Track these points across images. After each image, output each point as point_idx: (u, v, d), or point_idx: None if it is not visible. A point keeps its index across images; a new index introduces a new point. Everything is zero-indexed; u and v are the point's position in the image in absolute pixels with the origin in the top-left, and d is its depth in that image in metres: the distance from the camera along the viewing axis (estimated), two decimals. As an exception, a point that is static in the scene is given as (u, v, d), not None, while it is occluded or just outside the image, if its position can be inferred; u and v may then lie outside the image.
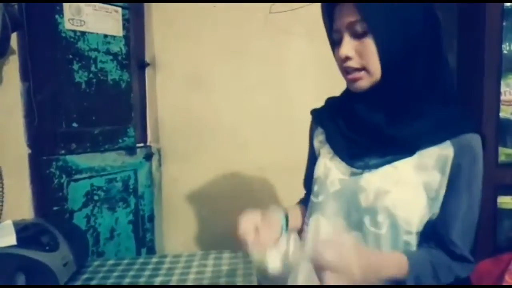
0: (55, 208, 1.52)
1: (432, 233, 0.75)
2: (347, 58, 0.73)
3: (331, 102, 0.91)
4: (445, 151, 0.73)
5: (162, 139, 1.93)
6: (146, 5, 1.92)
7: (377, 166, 0.76)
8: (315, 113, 0.93)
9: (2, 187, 1.22)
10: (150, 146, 1.88)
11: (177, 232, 1.96)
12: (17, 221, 1.34)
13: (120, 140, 1.72)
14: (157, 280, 1.29)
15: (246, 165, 1.91)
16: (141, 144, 1.87)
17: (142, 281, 1.29)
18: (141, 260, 1.48)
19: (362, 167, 0.78)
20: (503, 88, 1.25)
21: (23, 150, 1.54)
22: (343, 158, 0.81)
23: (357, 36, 0.72)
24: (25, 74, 1.51)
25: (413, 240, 0.76)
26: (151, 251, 1.82)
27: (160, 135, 1.93)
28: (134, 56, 1.84)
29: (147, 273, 1.35)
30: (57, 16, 1.50)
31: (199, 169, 1.93)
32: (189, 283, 1.26)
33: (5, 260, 1.19)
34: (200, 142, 1.93)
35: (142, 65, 1.91)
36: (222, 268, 1.36)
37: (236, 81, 1.92)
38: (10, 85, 1.48)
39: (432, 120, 0.73)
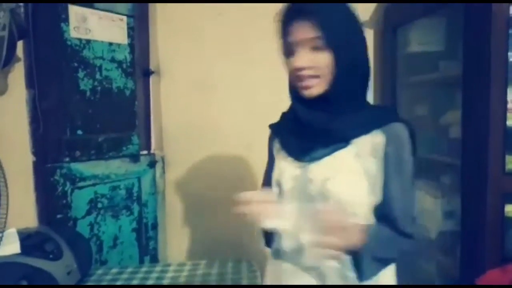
0: (59, 216, 1.52)
1: (380, 214, 0.85)
2: (302, 69, 0.82)
3: (285, 115, 0.98)
4: (377, 138, 0.83)
5: (166, 146, 1.92)
6: (150, 13, 1.93)
7: (320, 157, 0.85)
8: (272, 126, 1.01)
9: (7, 195, 1.22)
10: (154, 154, 1.87)
11: (181, 239, 1.95)
12: (21, 229, 1.33)
13: (124, 148, 1.72)
14: (161, 289, 1.28)
15: (250, 172, 1.90)
16: (145, 152, 1.87)
17: (146, 290, 1.28)
18: (144, 268, 1.47)
19: (308, 160, 0.86)
20: (509, 97, 1.24)
21: (28, 158, 1.54)
22: (293, 155, 0.90)
23: (313, 49, 0.81)
24: (31, 81, 1.52)
25: (363, 219, 0.84)
26: (155, 259, 1.81)
27: (164, 142, 1.93)
28: (138, 64, 1.85)
29: (150, 282, 1.34)
30: (62, 24, 1.51)
31: (203, 177, 1.92)
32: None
33: (9, 269, 1.18)
34: (204, 149, 1.92)
35: (147, 73, 1.92)
36: (226, 277, 1.35)
37: (241, 89, 1.92)
38: (16, 92, 1.49)
39: (363, 113, 0.85)
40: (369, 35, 1.94)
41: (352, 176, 0.83)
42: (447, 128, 1.57)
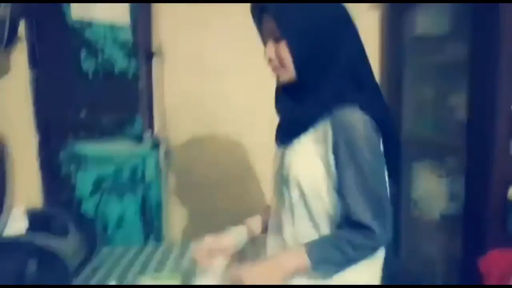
0: (64, 196, 1.53)
1: (340, 202, 0.85)
2: (270, 59, 0.87)
3: None
4: (326, 126, 0.83)
5: (170, 128, 1.93)
6: (153, -7, 1.90)
7: (291, 143, 0.88)
8: None
9: (10, 172, 1.22)
10: (157, 135, 1.87)
11: (184, 220, 1.97)
12: (28, 208, 1.35)
13: (128, 129, 1.72)
14: (166, 268, 1.30)
15: (254, 153, 1.91)
16: (149, 133, 1.87)
17: (150, 269, 1.30)
18: (149, 248, 1.49)
19: (283, 145, 0.92)
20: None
21: (32, 139, 1.54)
22: (276, 141, 0.96)
23: (275, 40, 0.85)
24: (33, 62, 1.51)
25: (325, 206, 0.85)
26: (159, 239, 1.83)
27: (168, 124, 1.93)
28: (141, 45, 1.83)
29: (155, 261, 1.36)
30: (64, 5, 1.49)
31: (207, 158, 1.93)
32: (198, 271, 1.27)
33: (16, 247, 1.20)
34: (208, 130, 1.92)
35: (149, 54, 1.90)
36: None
37: (244, 70, 1.90)
38: (19, 73, 1.48)
39: (321, 100, 0.84)
40: (375, 18, 1.91)
41: (309, 162, 0.85)
42: (453, 110, 1.57)
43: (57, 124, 1.54)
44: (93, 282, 1.22)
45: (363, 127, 0.80)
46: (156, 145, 1.82)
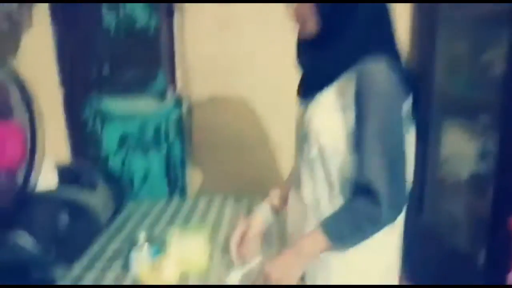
0: (91, 152, 1.56)
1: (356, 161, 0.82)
2: (292, 14, 0.86)
3: None
4: (349, 79, 0.80)
5: (192, 85, 1.91)
6: None
7: (313, 97, 0.85)
8: None
9: (40, 127, 1.23)
10: (180, 92, 1.86)
11: (206, 177, 1.99)
12: (57, 164, 1.38)
13: (151, 87, 1.72)
14: (192, 221, 1.33)
15: (276, 110, 1.88)
16: (172, 90, 1.86)
17: (178, 221, 1.33)
18: (175, 202, 1.52)
19: (306, 100, 0.89)
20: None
21: (58, 96, 1.56)
22: (298, 96, 0.93)
23: None
24: (56, 18, 1.50)
25: (343, 165, 0.83)
26: (183, 194, 1.86)
27: (190, 81, 1.91)
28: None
29: (182, 214, 1.39)
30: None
31: (229, 115, 1.92)
32: (224, 223, 1.29)
33: (48, 201, 1.24)
34: (230, 87, 1.90)
35: (171, 10, 1.86)
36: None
37: (267, 26, 1.84)
38: (42, 29, 1.47)
39: (345, 53, 0.82)
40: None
41: (330, 116, 0.83)
42: (488, 66, 1.49)
43: (80, 80, 1.55)
44: (123, 233, 1.26)
45: (387, 81, 0.78)
46: (179, 102, 1.81)
